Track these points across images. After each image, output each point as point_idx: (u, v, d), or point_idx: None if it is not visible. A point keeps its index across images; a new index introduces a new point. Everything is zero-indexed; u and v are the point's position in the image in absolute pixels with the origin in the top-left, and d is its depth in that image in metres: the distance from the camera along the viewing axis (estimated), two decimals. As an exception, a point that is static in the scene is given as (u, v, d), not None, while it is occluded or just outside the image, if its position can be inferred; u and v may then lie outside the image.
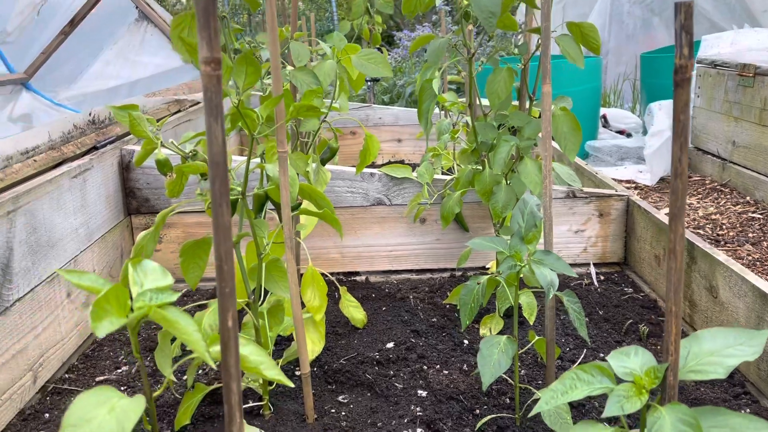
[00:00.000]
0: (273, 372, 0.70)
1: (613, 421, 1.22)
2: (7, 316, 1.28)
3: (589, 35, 1.44)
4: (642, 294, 1.79)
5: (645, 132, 4.23)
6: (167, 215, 1.13)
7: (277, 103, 1.09)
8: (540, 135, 1.46)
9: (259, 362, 0.69)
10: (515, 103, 1.64)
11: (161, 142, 1.20)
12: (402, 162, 3.48)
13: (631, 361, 0.75)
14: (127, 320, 0.61)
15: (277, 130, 1.13)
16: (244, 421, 1.27)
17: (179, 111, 2.58)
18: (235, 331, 0.65)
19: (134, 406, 0.61)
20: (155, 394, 0.91)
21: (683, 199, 0.66)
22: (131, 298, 0.71)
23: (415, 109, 3.58)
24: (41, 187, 1.42)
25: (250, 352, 0.70)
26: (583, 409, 1.28)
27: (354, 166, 2.02)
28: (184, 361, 1.08)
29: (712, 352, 0.72)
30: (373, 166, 3.26)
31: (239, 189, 1.19)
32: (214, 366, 0.62)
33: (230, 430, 0.70)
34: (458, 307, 1.72)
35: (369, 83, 3.74)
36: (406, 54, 5.29)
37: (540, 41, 1.52)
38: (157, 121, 1.36)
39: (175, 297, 0.67)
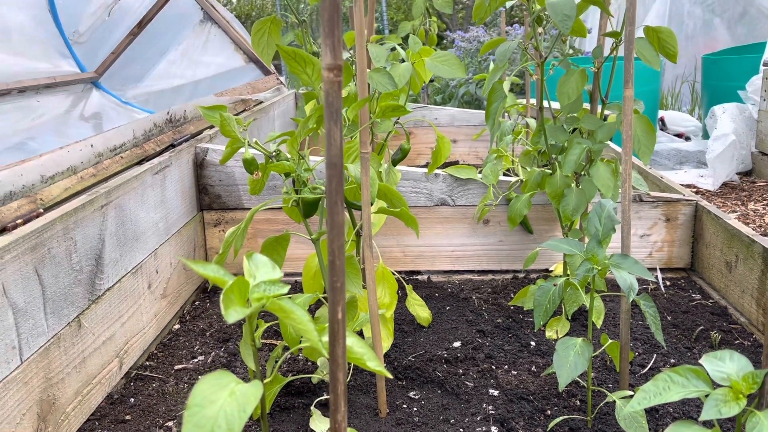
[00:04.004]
0: (374, 363, 0.73)
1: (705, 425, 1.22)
2: (99, 304, 1.35)
3: (666, 41, 1.43)
4: (711, 301, 1.76)
5: (705, 135, 4.13)
6: (256, 212, 1.18)
7: (363, 106, 1.13)
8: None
9: (362, 353, 0.73)
10: (585, 105, 1.64)
11: (247, 142, 1.25)
12: (457, 163, 3.50)
13: (727, 365, 0.75)
14: (250, 311, 0.65)
15: (361, 131, 1.17)
16: (319, 412, 1.31)
17: (244, 110, 2.65)
18: (343, 323, 0.68)
19: (253, 391, 0.65)
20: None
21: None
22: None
23: (471, 110, 3.59)
24: (128, 182, 1.49)
25: (353, 343, 0.73)
26: (657, 414, 1.27)
27: (411, 167, 2.04)
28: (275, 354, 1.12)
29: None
30: (426, 166, 3.28)
31: (322, 188, 1.23)
32: (326, 355, 0.65)
33: (335, 418, 0.74)
34: (525, 308, 1.73)
35: (423, 84, 3.76)
36: (460, 55, 5.29)
37: (614, 44, 1.52)
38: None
39: (285, 289, 0.71)
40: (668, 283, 1.90)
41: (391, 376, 0.81)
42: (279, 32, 1.49)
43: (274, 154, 1.29)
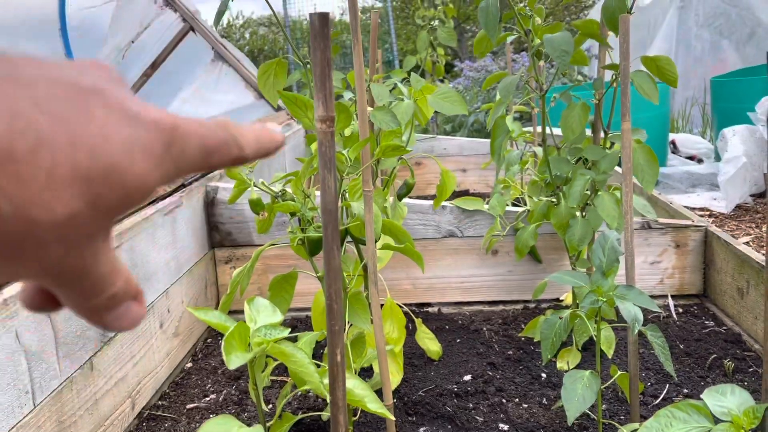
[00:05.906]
0: (375, 405, 0.74)
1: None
2: (111, 345, 1.37)
3: (665, 68, 1.45)
4: (724, 327, 1.75)
5: (717, 158, 4.11)
6: (261, 252, 1.20)
7: (364, 146, 1.15)
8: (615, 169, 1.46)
9: (363, 395, 0.74)
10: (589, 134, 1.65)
11: (253, 183, 1.27)
12: (467, 192, 3.51)
13: (728, 400, 0.75)
14: (250, 355, 0.66)
15: (363, 171, 1.19)
16: (329, 450, 1.31)
17: (255, 147, 2.70)
18: (343, 365, 0.69)
19: (254, 436, 0.66)
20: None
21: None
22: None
23: (479, 139, 3.62)
24: (139, 224, 1.52)
25: (354, 385, 0.74)
26: (669, 447, 1.26)
27: (419, 197, 2.06)
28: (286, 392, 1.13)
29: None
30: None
31: (326, 226, 1.25)
32: (327, 397, 0.66)
33: (337, 460, 0.74)
34: (535, 340, 1.73)
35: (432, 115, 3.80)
36: (468, 84, 5.34)
37: (614, 76, 1.54)
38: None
39: (286, 332, 0.73)
40: (680, 310, 1.89)
41: (393, 418, 0.81)
42: (284, 74, 1.53)
43: (279, 193, 1.31)
